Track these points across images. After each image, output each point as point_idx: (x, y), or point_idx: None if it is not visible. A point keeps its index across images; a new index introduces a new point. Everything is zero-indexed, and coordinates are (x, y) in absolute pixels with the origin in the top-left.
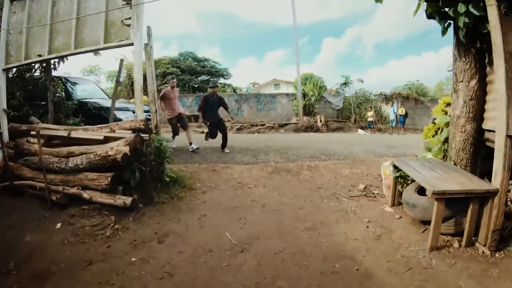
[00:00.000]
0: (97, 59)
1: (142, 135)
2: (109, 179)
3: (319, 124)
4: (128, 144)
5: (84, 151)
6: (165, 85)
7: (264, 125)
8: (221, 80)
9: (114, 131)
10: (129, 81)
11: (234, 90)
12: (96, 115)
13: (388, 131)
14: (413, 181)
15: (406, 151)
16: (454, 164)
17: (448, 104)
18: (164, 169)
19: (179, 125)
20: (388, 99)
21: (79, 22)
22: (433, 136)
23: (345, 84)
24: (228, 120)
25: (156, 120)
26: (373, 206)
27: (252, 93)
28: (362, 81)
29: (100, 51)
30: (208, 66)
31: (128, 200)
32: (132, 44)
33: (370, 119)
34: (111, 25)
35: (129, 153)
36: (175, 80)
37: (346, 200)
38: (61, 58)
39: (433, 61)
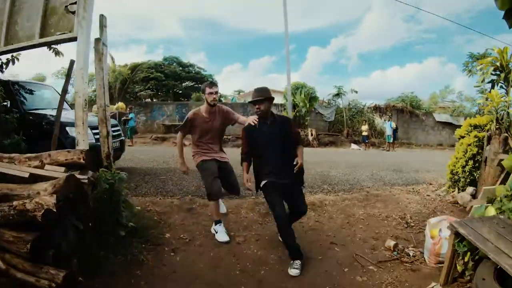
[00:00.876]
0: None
1: (81, 177)
2: (29, 245)
3: (310, 138)
4: (56, 191)
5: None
6: (143, 92)
7: None
8: None
9: (44, 165)
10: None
11: (220, 98)
12: (47, 131)
13: (383, 146)
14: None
15: (416, 176)
16: None
17: (475, 127)
18: (119, 218)
19: (221, 182)
20: (382, 111)
21: (13, 9)
22: (463, 167)
23: (338, 95)
24: None
25: (108, 147)
26: (416, 281)
27: (238, 103)
28: (356, 92)
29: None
30: (193, 72)
31: (58, 276)
32: (75, 39)
33: (364, 133)
34: (52, 13)
35: (54, 208)
36: (217, 88)
37: (375, 269)
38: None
39: (417, 72)
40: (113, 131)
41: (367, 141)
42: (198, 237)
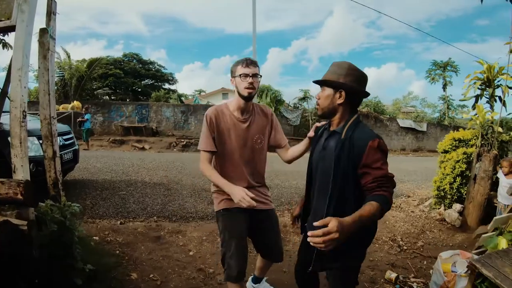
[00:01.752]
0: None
1: (18, 222)
2: None
3: None
4: None
5: None
6: (101, 90)
7: None
8: (166, 86)
9: None
10: (61, 82)
11: (180, 98)
12: None
13: None
14: None
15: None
16: None
17: (460, 141)
18: (73, 263)
19: (254, 243)
20: None
21: None
22: (451, 183)
23: (304, 98)
24: None
25: (55, 171)
26: None
27: (201, 104)
28: None
29: None
30: (153, 69)
31: None
32: (13, 29)
33: None
34: None
35: None
36: (257, 69)
37: None
38: None
39: (375, 76)
40: (66, 139)
41: None
42: (171, 277)
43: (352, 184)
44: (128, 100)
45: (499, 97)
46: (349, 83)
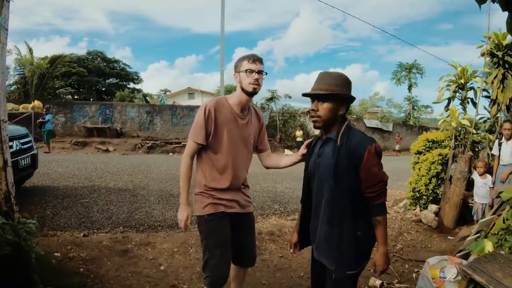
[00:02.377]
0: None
1: None
2: None
3: None
4: None
5: None
6: (63, 89)
7: (180, 143)
8: (131, 85)
9: None
10: (22, 81)
11: (146, 98)
12: None
13: None
14: None
15: None
16: None
17: (434, 142)
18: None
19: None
20: None
21: None
22: (426, 185)
23: (271, 99)
24: None
25: (6, 184)
26: None
27: (166, 104)
28: (290, 97)
29: None
30: (118, 68)
31: None
32: None
33: (299, 139)
34: None
35: None
36: (262, 66)
37: None
38: None
39: None
40: (23, 143)
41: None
42: None
43: (350, 188)
44: (91, 99)
45: (471, 99)
46: (350, 94)
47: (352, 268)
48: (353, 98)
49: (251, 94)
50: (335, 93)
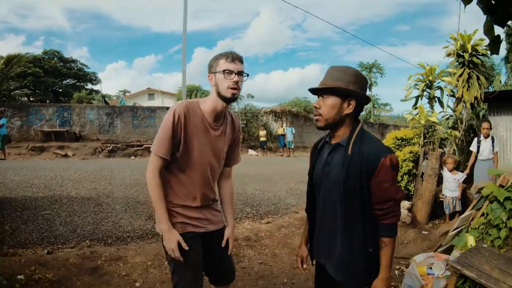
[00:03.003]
0: None
1: None
2: None
3: None
4: None
5: None
6: (19, 90)
7: (141, 145)
8: (89, 86)
9: None
10: None
11: (105, 99)
12: None
13: (279, 151)
14: None
15: None
16: None
17: (403, 140)
18: None
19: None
20: (277, 116)
21: None
22: (398, 182)
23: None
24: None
25: None
26: None
27: (127, 106)
28: (252, 97)
29: None
30: (75, 68)
31: None
32: None
33: (262, 138)
34: None
35: None
36: (242, 66)
37: None
38: None
39: (299, 76)
40: None
41: (265, 146)
42: None
43: (362, 202)
44: (48, 101)
45: (438, 98)
46: (360, 91)
47: (363, 285)
48: (363, 97)
49: (229, 100)
50: (336, 88)
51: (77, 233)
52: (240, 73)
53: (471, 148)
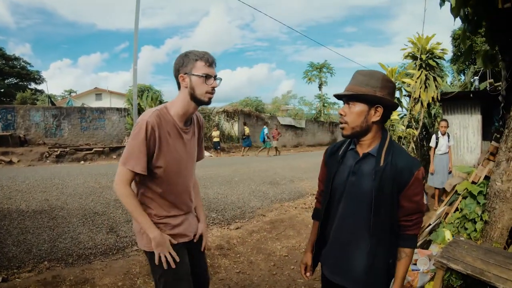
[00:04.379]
0: None
1: None
2: None
3: None
4: None
5: None
6: None
7: (91, 149)
8: (32, 86)
9: None
10: None
11: (51, 99)
12: None
13: (233, 151)
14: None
15: (295, 187)
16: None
17: None
18: None
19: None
20: (230, 115)
21: None
22: None
23: None
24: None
25: None
26: None
27: (75, 107)
28: None
29: None
30: (18, 67)
31: None
32: None
33: (216, 139)
34: None
35: None
36: (214, 69)
37: None
38: None
39: (247, 75)
40: None
41: (219, 147)
42: None
43: (391, 214)
44: None
45: (398, 99)
46: (387, 97)
47: None
48: (391, 103)
49: (205, 103)
50: (363, 94)
51: (33, 253)
52: (215, 77)
53: (430, 144)
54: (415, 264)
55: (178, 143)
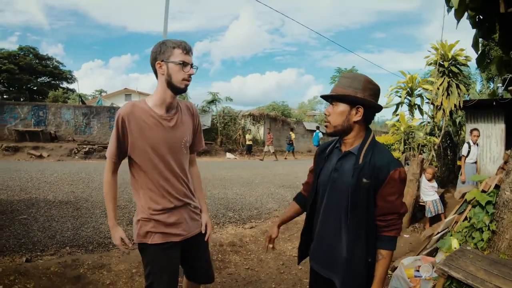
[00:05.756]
0: None
1: None
2: None
3: None
4: None
5: None
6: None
7: None
8: (64, 85)
9: None
10: None
11: (82, 99)
12: None
13: (257, 154)
14: None
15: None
16: None
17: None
18: None
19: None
20: (256, 119)
21: None
22: None
23: (212, 101)
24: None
25: None
26: None
27: (104, 106)
28: (231, 100)
29: None
30: (51, 66)
31: None
32: None
33: (249, 142)
34: None
35: None
36: (191, 57)
37: None
38: None
39: (276, 80)
40: None
41: (252, 150)
42: None
43: (367, 212)
44: (22, 99)
45: (418, 106)
46: (368, 98)
47: None
48: (372, 104)
49: (181, 91)
50: (344, 95)
51: (56, 239)
52: (192, 65)
53: (462, 153)
54: (418, 270)
55: (156, 131)
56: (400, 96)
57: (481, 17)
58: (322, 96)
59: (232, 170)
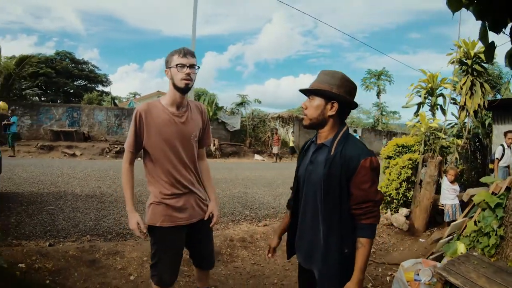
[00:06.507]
0: None
1: None
2: None
3: (212, 148)
4: None
5: None
6: (30, 90)
7: None
8: (99, 87)
9: None
10: None
11: (114, 101)
12: None
13: (285, 156)
14: None
15: None
16: None
17: (403, 147)
18: None
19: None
20: (285, 121)
21: None
22: (397, 189)
23: (241, 104)
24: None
25: None
26: None
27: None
28: (260, 102)
29: None
30: (87, 70)
31: None
32: None
33: (291, 144)
34: None
35: None
36: (194, 60)
37: None
38: None
39: (309, 82)
40: None
41: (295, 151)
42: None
43: (340, 202)
44: (59, 101)
45: (440, 106)
46: (343, 94)
47: (335, 285)
48: (347, 100)
49: (184, 90)
50: (320, 90)
51: (79, 228)
52: (192, 66)
53: (496, 156)
54: (418, 274)
55: (168, 126)
56: (420, 96)
57: (481, 7)
58: (301, 90)
59: (256, 171)
